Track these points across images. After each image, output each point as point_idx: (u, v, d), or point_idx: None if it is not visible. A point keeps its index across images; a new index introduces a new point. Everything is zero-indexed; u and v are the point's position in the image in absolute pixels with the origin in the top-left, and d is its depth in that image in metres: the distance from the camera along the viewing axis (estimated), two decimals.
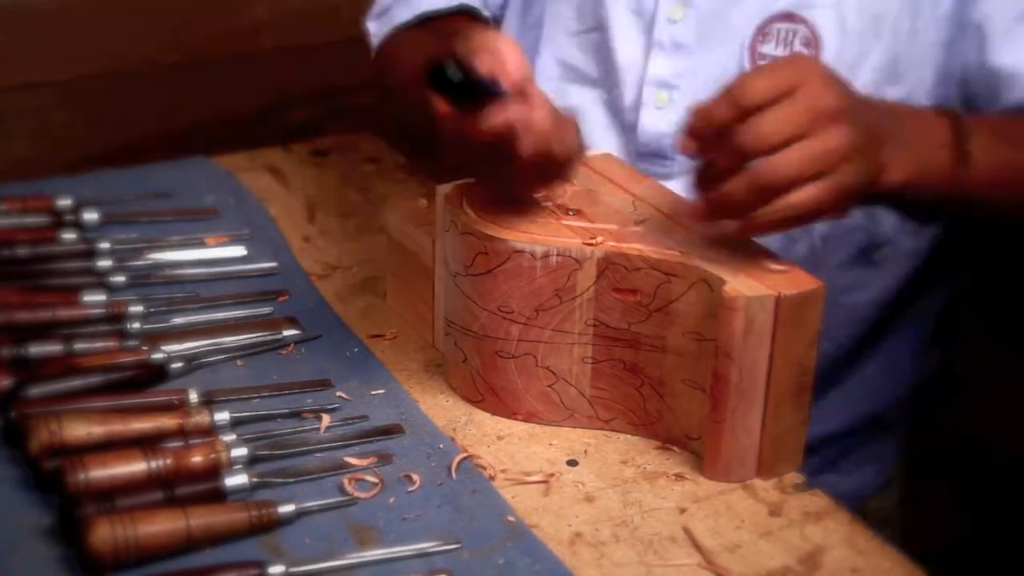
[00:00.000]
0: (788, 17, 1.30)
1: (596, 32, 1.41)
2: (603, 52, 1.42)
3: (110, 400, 1.15)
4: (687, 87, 1.36)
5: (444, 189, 1.22)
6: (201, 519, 1.01)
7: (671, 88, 1.37)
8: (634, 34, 1.39)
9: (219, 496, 1.06)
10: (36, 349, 1.21)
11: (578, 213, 1.19)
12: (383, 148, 1.74)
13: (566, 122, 1.09)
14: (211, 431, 1.13)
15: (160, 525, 1.00)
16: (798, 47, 1.29)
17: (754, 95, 1.03)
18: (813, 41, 1.29)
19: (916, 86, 1.32)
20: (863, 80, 1.27)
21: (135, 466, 1.06)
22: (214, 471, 1.07)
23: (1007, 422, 2.51)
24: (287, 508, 1.04)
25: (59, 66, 1.80)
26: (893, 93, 1.30)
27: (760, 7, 1.32)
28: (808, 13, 1.29)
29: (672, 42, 1.36)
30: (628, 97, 1.40)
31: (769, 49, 1.30)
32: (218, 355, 1.26)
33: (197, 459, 1.08)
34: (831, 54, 1.29)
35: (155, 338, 1.26)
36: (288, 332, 1.30)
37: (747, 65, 1.31)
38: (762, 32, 1.30)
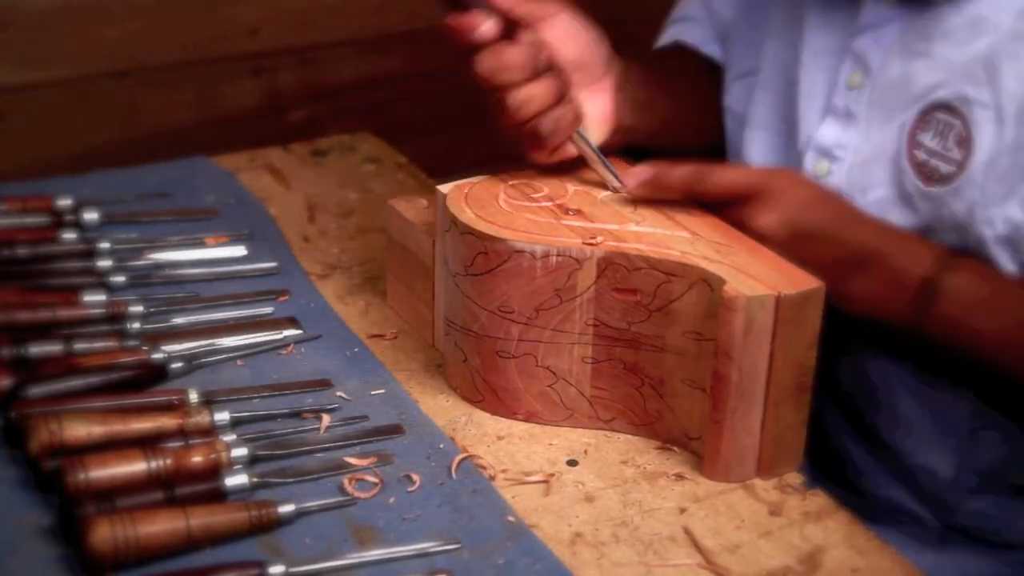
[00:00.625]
0: (947, 109, 1.20)
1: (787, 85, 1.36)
2: (788, 104, 1.36)
3: (110, 400, 1.15)
4: (847, 160, 1.28)
5: (444, 189, 1.22)
6: (201, 519, 1.01)
7: (832, 159, 1.29)
8: (818, 90, 1.32)
9: (219, 496, 1.06)
10: (36, 349, 1.21)
11: (578, 213, 1.19)
12: (383, 148, 1.74)
13: (557, 87, 1.19)
14: (211, 431, 1.13)
15: (160, 525, 1.00)
16: (951, 144, 1.19)
17: (719, 184, 1.19)
18: (966, 140, 1.18)
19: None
20: (1016, 201, 1.18)
21: (135, 466, 1.06)
22: (214, 471, 1.07)
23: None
24: (287, 508, 1.04)
25: (59, 65, 1.80)
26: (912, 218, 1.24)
27: (926, 89, 1.22)
28: (965, 108, 1.18)
29: (845, 110, 1.28)
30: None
31: (926, 139, 1.21)
32: (218, 355, 1.26)
33: (197, 459, 1.08)
34: (980, 159, 1.17)
35: (155, 338, 1.26)
36: (288, 332, 1.30)
37: (904, 150, 1.23)
38: (923, 118, 1.21)
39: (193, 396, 1.17)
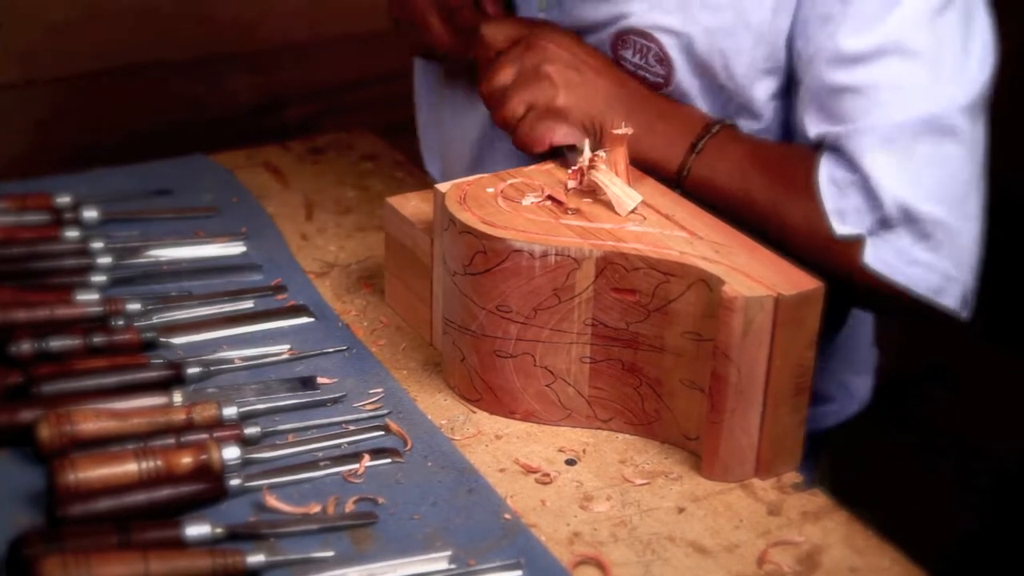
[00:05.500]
0: (640, 33, 1.32)
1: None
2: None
3: (110, 399, 1.15)
4: None
5: (443, 188, 1.22)
6: (161, 564, 0.97)
7: None
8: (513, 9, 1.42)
9: (179, 543, 1.01)
10: (37, 347, 1.21)
11: (577, 212, 1.19)
12: (381, 146, 1.74)
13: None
14: (207, 429, 1.13)
15: (116, 568, 0.96)
16: (652, 61, 1.32)
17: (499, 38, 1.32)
18: (665, 60, 1.32)
19: (771, 119, 1.33)
20: (718, 109, 1.32)
21: (126, 467, 1.05)
22: (206, 472, 1.07)
23: (1000, 420, 2.52)
24: (256, 558, 1.00)
25: (58, 64, 1.79)
26: (751, 127, 1.33)
27: (615, 16, 1.33)
28: (656, 34, 1.31)
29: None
30: None
31: (628, 55, 1.34)
32: (216, 354, 1.26)
33: (187, 460, 1.08)
34: (682, 75, 1.32)
35: (157, 333, 1.27)
36: (300, 320, 1.32)
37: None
38: (620, 38, 1.34)
39: (178, 397, 1.17)
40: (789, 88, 1.31)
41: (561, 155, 1.27)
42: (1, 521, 1.04)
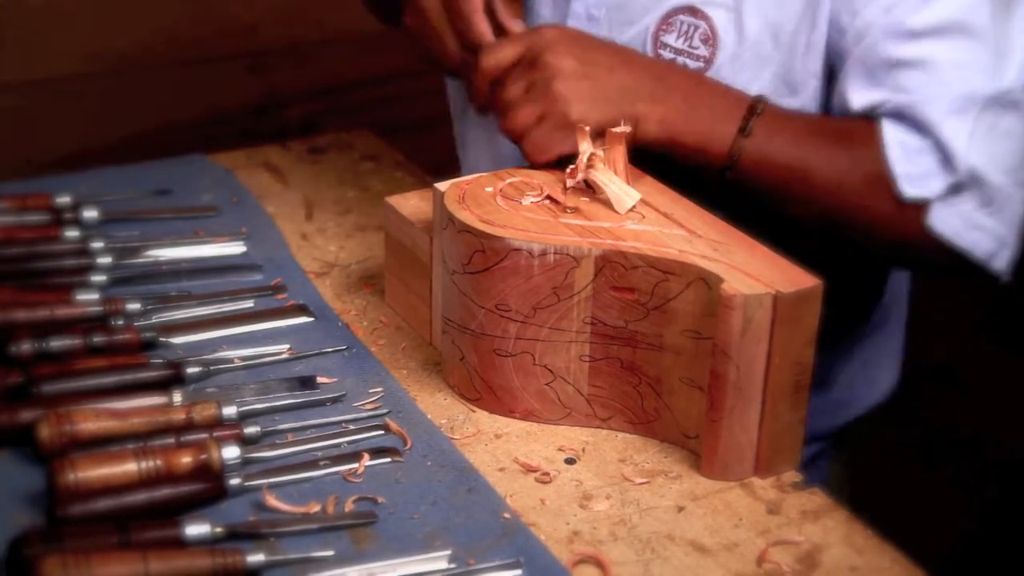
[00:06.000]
0: (691, 11, 1.32)
1: None
2: (529, 14, 1.44)
3: (110, 399, 1.15)
4: None
5: (442, 187, 1.22)
6: (161, 564, 0.97)
7: None
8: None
9: (179, 543, 1.01)
10: (37, 347, 1.21)
11: (576, 211, 1.19)
12: (381, 145, 1.74)
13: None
14: (206, 429, 1.13)
15: (115, 568, 0.96)
16: (697, 42, 1.32)
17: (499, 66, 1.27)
18: (711, 39, 1.32)
19: (810, 96, 1.34)
20: (760, 86, 1.32)
21: (126, 466, 1.06)
22: (206, 471, 1.07)
23: (1003, 420, 2.52)
24: (256, 557, 1.00)
25: (58, 64, 1.80)
26: (790, 103, 1.32)
27: None
28: (709, 10, 1.32)
29: (587, 14, 1.38)
30: None
31: (671, 39, 1.33)
32: (216, 354, 1.26)
33: (187, 459, 1.08)
34: (727, 54, 1.32)
35: (157, 332, 1.27)
36: (299, 320, 1.32)
37: (649, 50, 1.34)
38: (666, 21, 1.33)
39: (178, 397, 1.17)
40: (827, 65, 1.32)
41: (569, 163, 1.26)
42: (1, 521, 1.04)
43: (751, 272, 1.10)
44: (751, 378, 1.09)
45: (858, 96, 1.29)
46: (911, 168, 1.26)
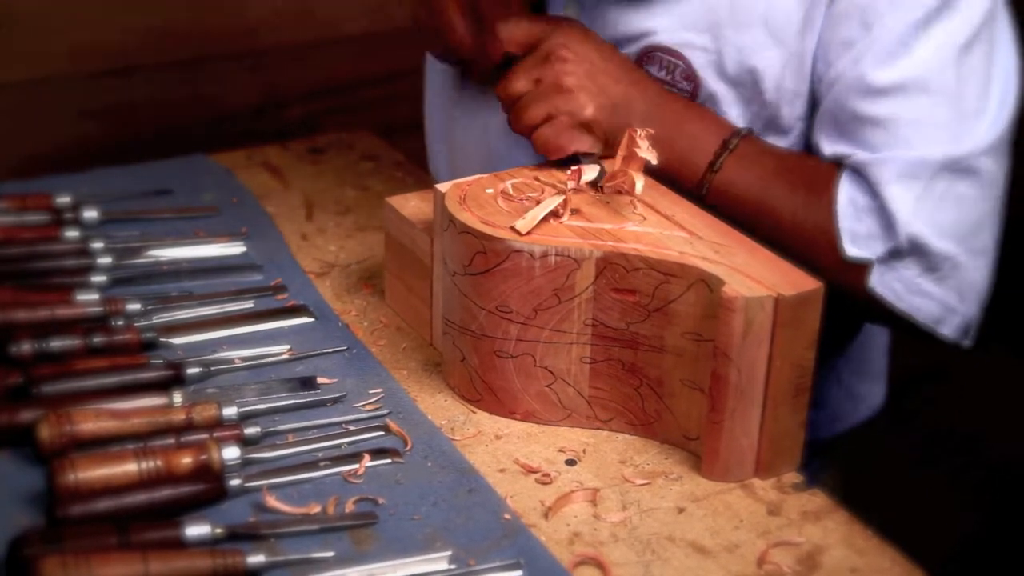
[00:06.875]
0: (667, 51, 1.31)
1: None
2: None
3: (110, 399, 1.15)
4: None
5: (442, 188, 1.22)
6: (161, 565, 0.97)
7: None
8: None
9: (179, 543, 1.01)
10: (38, 347, 1.21)
11: (577, 213, 1.19)
12: (381, 145, 1.74)
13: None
14: (207, 430, 1.13)
15: (115, 569, 0.96)
16: (679, 77, 1.32)
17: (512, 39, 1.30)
18: (692, 76, 1.31)
19: (797, 135, 1.33)
20: (747, 123, 1.32)
21: (126, 467, 1.05)
22: (206, 472, 1.07)
23: (1003, 420, 2.52)
24: (256, 558, 1.00)
25: (58, 63, 1.79)
26: (777, 142, 1.32)
27: (644, 32, 1.32)
28: (686, 52, 1.31)
29: None
30: None
31: (654, 70, 1.32)
32: (216, 355, 1.26)
33: (188, 460, 1.08)
34: (708, 92, 1.31)
35: (157, 333, 1.27)
36: (300, 320, 1.32)
37: None
38: (646, 55, 1.33)
39: (179, 397, 1.17)
40: (813, 107, 1.31)
41: (577, 161, 1.26)
42: (1, 521, 1.04)
43: (752, 274, 1.10)
44: (752, 380, 1.09)
45: (826, 145, 1.28)
46: (857, 227, 1.25)
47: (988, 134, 1.25)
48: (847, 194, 1.26)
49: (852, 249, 1.25)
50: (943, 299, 1.27)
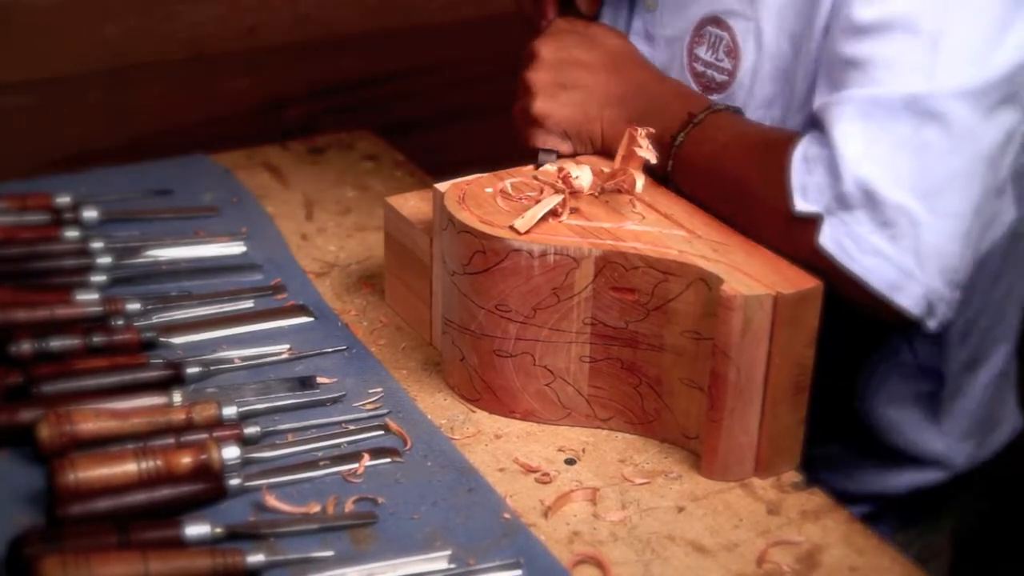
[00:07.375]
0: (715, 22, 1.31)
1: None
2: None
3: (109, 399, 1.15)
4: None
5: (442, 187, 1.22)
6: (161, 564, 0.97)
7: None
8: (624, 15, 1.42)
9: (179, 543, 1.01)
10: (37, 347, 1.21)
11: (576, 212, 1.19)
12: (381, 145, 1.74)
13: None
14: (206, 429, 1.13)
15: (115, 569, 0.96)
16: (722, 55, 1.31)
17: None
18: (733, 50, 1.29)
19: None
20: (785, 100, 1.27)
21: (126, 466, 1.06)
22: (206, 472, 1.07)
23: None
24: (256, 558, 1.00)
25: (57, 63, 1.79)
26: (798, 120, 1.27)
27: (699, 6, 1.32)
28: (730, 20, 1.29)
29: (645, 32, 1.39)
30: None
31: (702, 52, 1.32)
32: (216, 354, 1.26)
33: (187, 459, 1.08)
34: (748, 67, 1.28)
35: (157, 332, 1.27)
36: (300, 320, 1.32)
37: (686, 63, 1.34)
38: (698, 33, 1.33)
39: (178, 397, 1.17)
40: None
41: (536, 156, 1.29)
42: (1, 521, 1.04)
43: (751, 273, 1.10)
44: (751, 379, 1.09)
45: (816, 99, 1.19)
46: (806, 179, 1.13)
47: (972, 78, 1.11)
48: (803, 149, 1.15)
49: (801, 203, 1.13)
50: (899, 261, 1.11)
